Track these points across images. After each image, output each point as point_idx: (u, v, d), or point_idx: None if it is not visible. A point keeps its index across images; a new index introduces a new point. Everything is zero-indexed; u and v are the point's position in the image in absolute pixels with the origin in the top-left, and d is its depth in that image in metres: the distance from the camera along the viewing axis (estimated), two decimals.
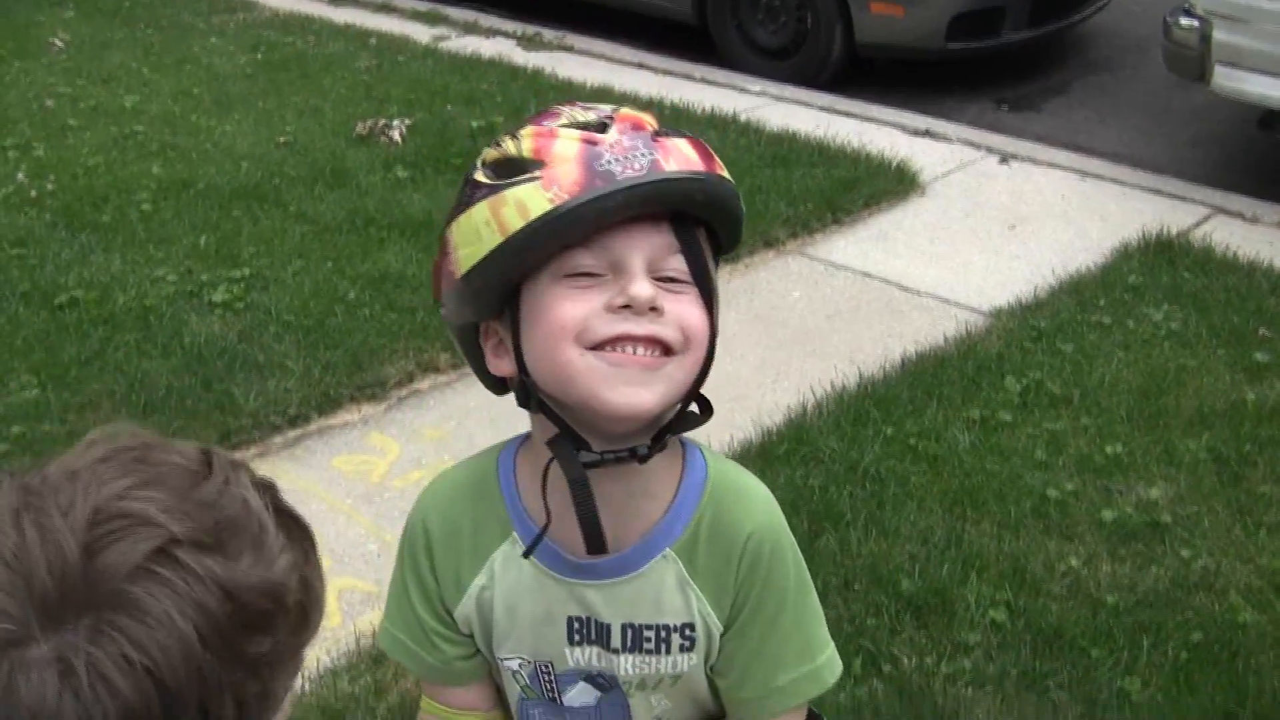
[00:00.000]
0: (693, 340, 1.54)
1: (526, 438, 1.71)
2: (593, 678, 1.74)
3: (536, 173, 1.47)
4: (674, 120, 7.28)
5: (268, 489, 1.19)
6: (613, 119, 1.52)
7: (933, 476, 4.29)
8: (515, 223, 1.46)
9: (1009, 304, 5.49)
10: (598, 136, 1.49)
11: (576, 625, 1.69)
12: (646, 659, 1.70)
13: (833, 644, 1.76)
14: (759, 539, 1.66)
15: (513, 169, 1.50)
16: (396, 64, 8.36)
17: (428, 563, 1.74)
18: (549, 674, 1.74)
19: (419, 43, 8.86)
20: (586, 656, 1.72)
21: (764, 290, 5.68)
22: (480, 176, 1.52)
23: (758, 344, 5.24)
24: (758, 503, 1.71)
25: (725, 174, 1.55)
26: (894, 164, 6.78)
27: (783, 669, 1.70)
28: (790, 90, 8.02)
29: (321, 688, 3.49)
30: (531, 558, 1.65)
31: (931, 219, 6.39)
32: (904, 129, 7.41)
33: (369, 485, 4.43)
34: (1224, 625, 3.67)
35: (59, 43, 8.66)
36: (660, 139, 1.50)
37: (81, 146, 6.91)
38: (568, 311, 1.49)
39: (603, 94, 7.72)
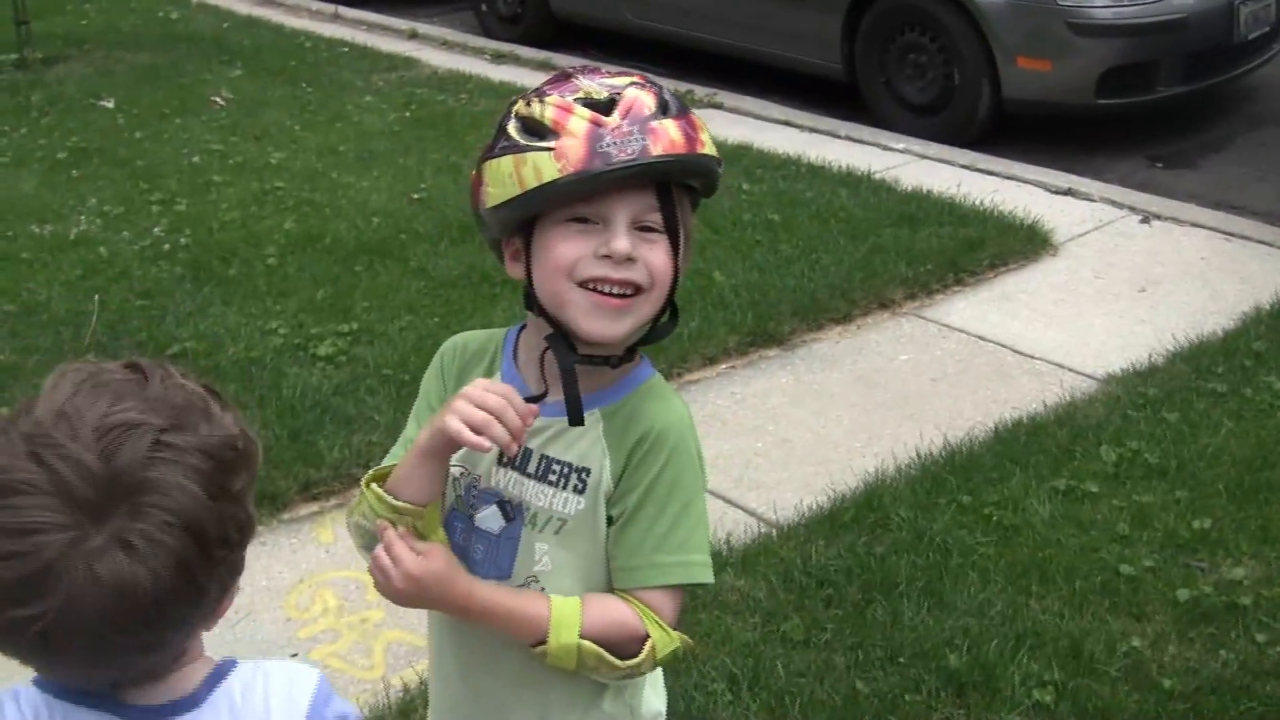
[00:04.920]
0: (658, 281, 1.94)
1: (524, 326, 2.12)
2: (503, 504, 2.06)
3: (552, 143, 1.86)
4: (808, 177, 7.23)
5: (191, 374, 1.52)
6: (619, 99, 1.89)
7: (1002, 548, 4.13)
8: (530, 181, 1.87)
9: (1124, 370, 5.29)
10: (603, 119, 1.87)
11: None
12: (547, 490, 2.03)
13: (710, 561, 2.05)
14: (663, 433, 2.00)
15: (535, 130, 1.89)
16: None
17: (438, 367, 2.19)
18: (475, 488, 2.08)
19: None
20: (505, 480, 2.06)
21: (871, 352, 5.56)
22: (512, 130, 1.92)
23: (854, 406, 5.13)
24: (673, 412, 2.04)
25: (706, 149, 1.92)
26: (1026, 223, 6.60)
27: (664, 550, 2.00)
28: (935, 148, 7.86)
29: None
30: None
31: (1059, 280, 6.21)
32: (1045, 187, 7.21)
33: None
34: None
35: (220, 100, 8.91)
36: (653, 124, 1.87)
37: (222, 201, 7.08)
38: (565, 253, 1.92)
39: (742, 150, 7.68)
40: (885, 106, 8.52)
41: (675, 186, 1.95)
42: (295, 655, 3.90)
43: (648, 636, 1.98)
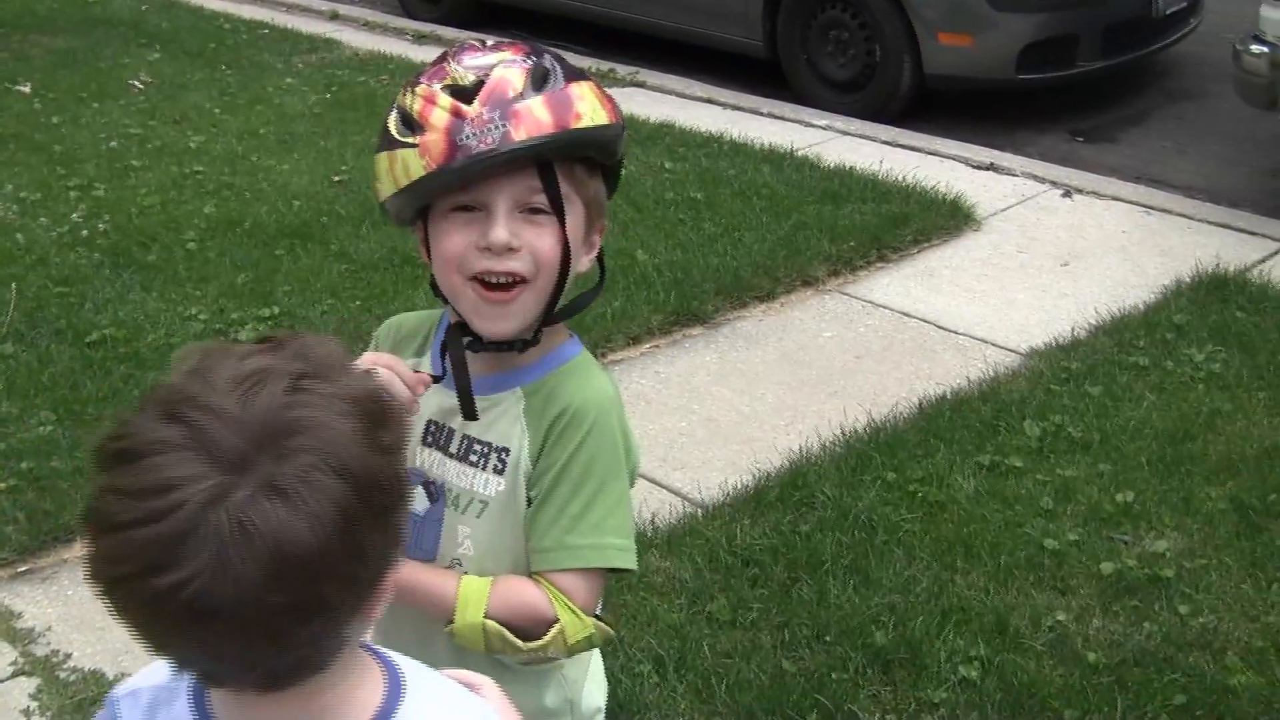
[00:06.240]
0: (542, 267, 1.91)
1: None
2: (428, 484, 2.05)
3: (417, 139, 1.85)
4: (731, 155, 7.21)
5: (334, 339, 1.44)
6: (485, 81, 1.85)
7: (927, 524, 4.14)
8: (402, 179, 1.87)
9: (1046, 344, 5.32)
10: (464, 109, 1.83)
11: (432, 429, 2.06)
12: (468, 470, 2.02)
13: (632, 545, 2.01)
14: (580, 410, 1.96)
15: (408, 123, 1.87)
16: None
17: (372, 347, 2.16)
18: None
19: None
20: (429, 461, 2.06)
21: (795, 330, 5.55)
22: (390, 124, 1.90)
23: (778, 385, 5.13)
24: (594, 389, 2.00)
25: (584, 121, 1.87)
26: (949, 199, 6.62)
27: (577, 531, 1.96)
28: (857, 124, 7.88)
29: None
30: (426, 363, 2.09)
31: (982, 255, 6.23)
32: (967, 163, 7.24)
33: None
34: (1213, 688, 3.49)
35: (139, 84, 8.78)
36: (516, 107, 1.83)
37: (141, 187, 6.97)
38: (450, 247, 1.91)
39: (664, 129, 7.67)
40: (807, 84, 8.52)
41: (562, 162, 1.91)
42: None
43: (557, 620, 1.95)
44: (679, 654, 3.60)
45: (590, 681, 2.21)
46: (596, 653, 2.25)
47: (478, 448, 2.01)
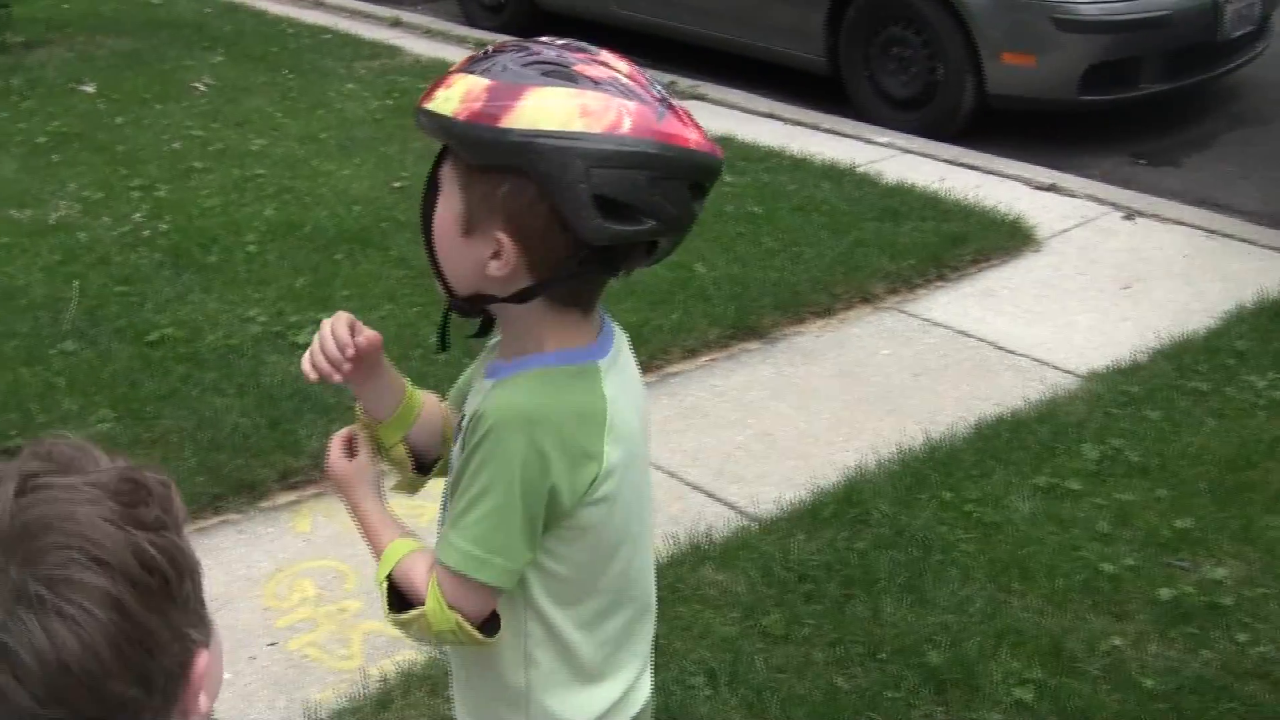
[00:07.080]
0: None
1: None
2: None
3: None
4: (791, 170, 7.21)
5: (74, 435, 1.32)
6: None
7: (983, 544, 4.12)
8: None
9: (1106, 367, 5.28)
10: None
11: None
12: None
13: (496, 560, 1.90)
14: (483, 417, 1.89)
15: None
16: None
17: None
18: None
19: None
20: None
21: (853, 346, 5.54)
22: None
23: (835, 401, 5.12)
24: (513, 403, 1.91)
25: (432, 104, 1.86)
26: (1009, 219, 6.60)
27: (455, 529, 1.91)
28: (918, 142, 7.85)
29: None
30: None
31: (1042, 276, 6.20)
32: (1028, 183, 7.20)
33: (417, 528, 4.38)
34: (1271, 718, 3.46)
35: (201, 86, 8.84)
36: (446, 77, 1.88)
37: (202, 188, 7.02)
38: None
39: (725, 142, 7.64)
40: (868, 100, 8.49)
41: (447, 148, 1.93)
42: (273, 644, 3.88)
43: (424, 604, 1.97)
44: (731, 667, 3.60)
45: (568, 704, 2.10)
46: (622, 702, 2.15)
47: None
